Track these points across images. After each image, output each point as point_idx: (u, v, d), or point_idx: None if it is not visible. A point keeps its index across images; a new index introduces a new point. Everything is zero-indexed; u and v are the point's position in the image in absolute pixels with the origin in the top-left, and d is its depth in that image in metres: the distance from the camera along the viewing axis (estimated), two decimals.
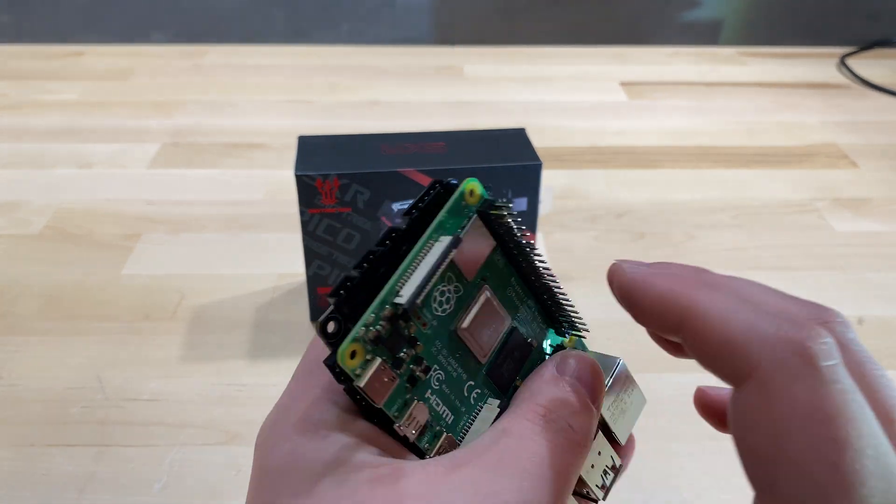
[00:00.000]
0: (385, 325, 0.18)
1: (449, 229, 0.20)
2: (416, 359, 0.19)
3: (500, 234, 0.21)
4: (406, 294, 0.18)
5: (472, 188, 0.21)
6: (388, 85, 0.90)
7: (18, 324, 0.50)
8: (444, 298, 0.20)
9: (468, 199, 0.21)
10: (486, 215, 0.21)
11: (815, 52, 1.03)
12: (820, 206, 0.66)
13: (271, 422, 0.20)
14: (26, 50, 0.99)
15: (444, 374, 0.20)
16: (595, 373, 0.21)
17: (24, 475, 0.40)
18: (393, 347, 0.19)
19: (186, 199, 0.65)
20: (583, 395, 0.20)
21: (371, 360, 0.18)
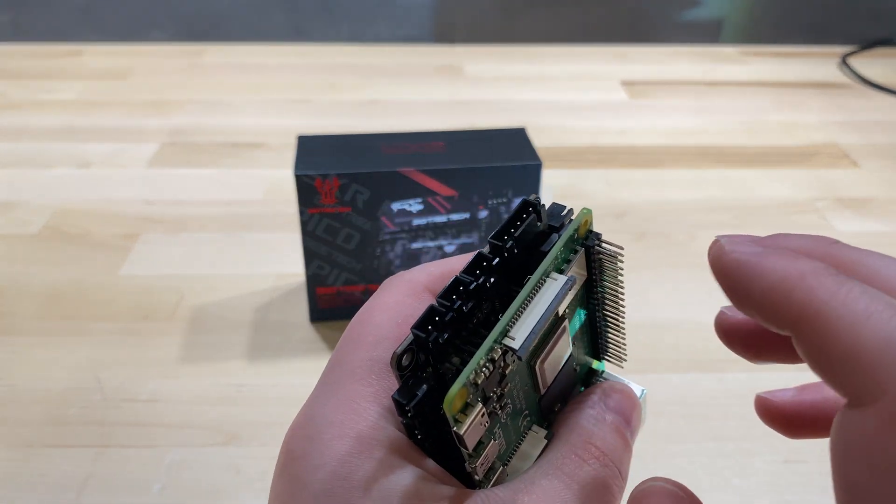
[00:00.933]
0: (490, 368, 0.17)
1: (558, 264, 0.19)
2: (501, 397, 0.18)
3: (593, 267, 0.20)
4: (519, 339, 0.17)
5: (587, 220, 0.19)
6: (388, 84, 0.90)
7: (17, 324, 0.50)
8: None
9: (580, 230, 0.19)
10: (589, 251, 0.20)
11: (816, 51, 1.03)
12: (821, 206, 0.66)
13: (307, 439, 0.18)
14: (24, 49, 0.99)
15: (511, 407, 0.19)
16: (637, 411, 0.21)
17: (23, 476, 0.39)
18: (487, 388, 0.17)
19: (185, 198, 0.65)
20: (626, 437, 0.20)
21: (472, 404, 0.17)
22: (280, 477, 0.18)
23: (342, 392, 0.18)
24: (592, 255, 0.20)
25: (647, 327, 0.51)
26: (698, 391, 0.46)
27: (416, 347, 0.17)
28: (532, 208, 0.19)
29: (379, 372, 0.19)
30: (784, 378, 0.47)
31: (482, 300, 0.18)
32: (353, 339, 0.20)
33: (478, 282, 0.18)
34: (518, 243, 0.18)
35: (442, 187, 0.46)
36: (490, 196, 0.47)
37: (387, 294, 0.21)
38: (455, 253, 0.49)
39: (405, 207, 0.46)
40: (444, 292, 0.17)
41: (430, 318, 0.17)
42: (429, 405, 0.17)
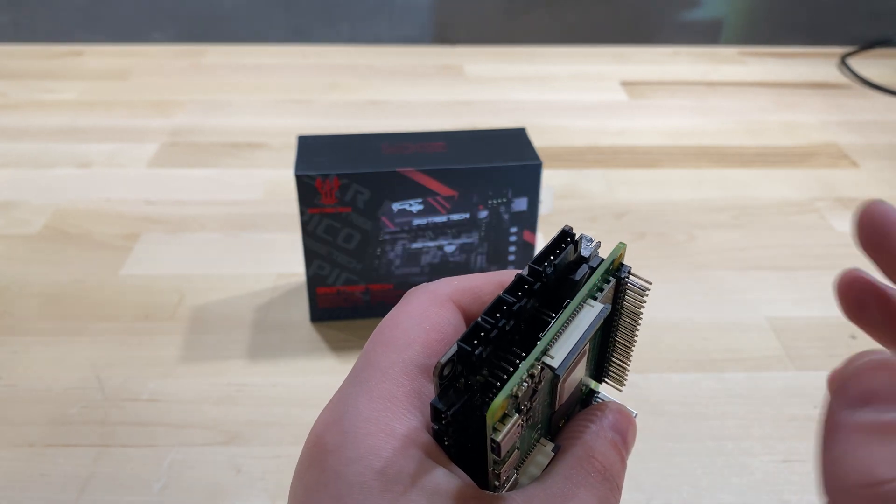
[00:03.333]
0: (529, 384, 0.18)
1: (594, 291, 0.20)
2: (529, 410, 0.19)
3: (619, 297, 0.22)
4: (559, 357, 0.18)
5: (622, 253, 0.21)
6: (388, 85, 0.90)
7: (17, 324, 0.50)
8: None
9: (615, 262, 0.21)
10: (620, 280, 0.21)
11: (815, 51, 1.03)
12: (820, 206, 0.66)
13: (342, 435, 0.18)
14: (25, 49, 0.99)
15: (532, 419, 0.20)
16: (633, 432, 0.22)
17: (24, 475, 0.40)
18: (522, 401, 0.19)
19: (186, 198, 0.65)
20: (622, 453, 0.21)
21: (510, 414, 0.18)
22: (309, 469, 0.18)
23: (376, 391, 0.19)
24: (622, 287, 0.21)
25: (646, 327, 0.51)
26: (698, 391, 0.46)
27: (458, 360, 0.18)
28: (570, 238, 0.21)
29: (411, 374, 0.19)
30: (783, 378, 0.47)
31: (522, 323, 0.19)
32: (382, 342, 0.20)
33: (520, 303, 0.19)
34: (555, 270, 0.20)
35: (442, 187, 0.46)
36: (490, 196, 0.47)
37: (413, 303, 0.21)
38: (454, 253, 0.49)
39: (405, 207, 0.46)
40: (489, 310, 0.18)
41: (476, 333, 0.18)
42: (462, 414, 0.18)
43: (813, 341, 0.50)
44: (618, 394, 0.25)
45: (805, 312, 0.53)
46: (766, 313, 0.52)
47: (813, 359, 0.48)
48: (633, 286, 0.21)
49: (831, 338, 0.50)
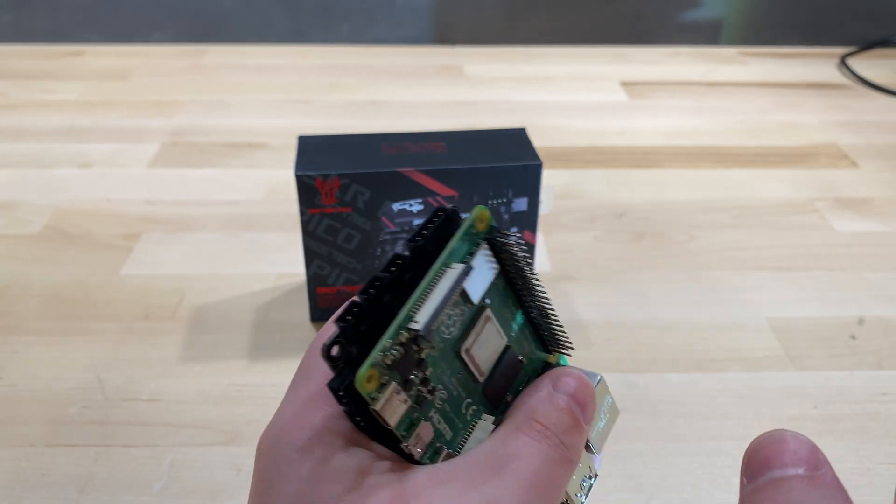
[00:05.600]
0: (399, 350, 0.19)
1: (459, 256, 0.21)
2: (424, 380, 0.20)
3: (504, 260, 0.22)
4: (422, 320, 0.19)
5: (482, 216, 0.21)
6: (388, 85, 0.90)
7: (18, 324, 0.50)
8: (451, 322, 0.21)
9: (478, 226, 0.21)
10: (493, 242, 0.22)
11: (815, 52, 1.03)
12: (820, 207, 0.66)
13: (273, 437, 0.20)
14: (26, 49, 0.99)
15: (446, 393, 0.21)
16: (589, 393, 0.21)
17: (24, 475, 0.40)
18: (404, 371, 0.19)
19: (186, 198, 0.65)
20: (575, 414, 0.21)
21: (386, 383, 0.19)
22: (254, 474, 0.20)
23: (301, 392, 0.21)
24: (497, 248, 0.22)
25: (646, 327, 0.51)
26: (697, 391, 0.46)
27: (344, 339, 0.19)
28: (442, 212, 0.21)
29: None
30: (783, 378, 0.47)
31: (401, 295, 0.20)
32: (312, 349, 0.22)
33: (393, 276, 0.20)
34: (430, 243, 0.21)
35: (442, 187, 0.46)
36: (490, 196, 0.47)
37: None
38: None
39: (406, 207, 0.46)
40: (364, 287, 0.19)
41: (349, 309, 0.19)
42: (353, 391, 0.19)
43: (813, 341, 0.50)
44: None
45: (805, 312, 0.53)
46: (765, 313, 0.52)
47: (813, 359, 0.48)
48: (507, 243, 0.21)
49: (831, 338, 0.50)
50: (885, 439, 0.43)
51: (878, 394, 0.46)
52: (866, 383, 0.46)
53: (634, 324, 0.51)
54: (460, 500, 0.18)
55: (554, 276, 0.56)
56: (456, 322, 0.21)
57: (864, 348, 0.49)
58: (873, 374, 0.47)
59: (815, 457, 0.16)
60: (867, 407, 0.45)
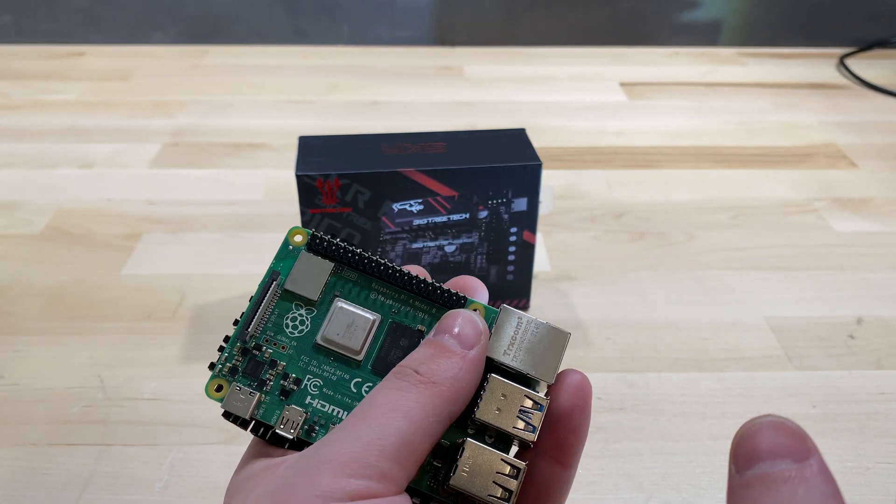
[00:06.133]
0: (239, 358, 0.23)
1: (283, 271, 0.24)
2: (282, 375, 0.23)
3: (340, 257, 0.24)
4: (252, 329, 0.23)
5: (296, 233, 0.25)
6: (388, 85, 0.90)
7: (19, 324, 0.50)
8: (297, 322, 0.24)
9: (294, 242, 0.25)
10: (316, 248, 0.24)
11: (814, 52, 1.03)
12: (819, 207, 0.66)
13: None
14: (27, 50, 0.99)
15: (321, 380, 0.23)
16: (455, 318, 0.22)
17: (26, 475, 0.40)
18: (255, 373, 0.23)
19: (187, 199, 0.66)
20: (440, 345, 0.21)
21: (226, 386, 0.23)
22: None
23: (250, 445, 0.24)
24: (325, 250, 0.24)
25: (645, 327, 0.51)
26: (697, 390, 0.46)
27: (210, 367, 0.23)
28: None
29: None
30: (782, 377, 0.47)
31: None
32: None
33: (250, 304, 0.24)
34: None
35: (442, 188, 0.46)
36: (490, 196, 0.47)
37: None
38: (455, 253, 0.49)
39: (406, 207, 0.46)
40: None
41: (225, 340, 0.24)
42: None
43: (811, 341, 0.50)
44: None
45: (804, 312, 0.53)
46: (764, 313, 0.52)
47: (811, 358, 0.48)
48: (332, 243, 0.24)
49: (830, 337, 0.50)
50: (884, 438, 0.43)
51: (877, 393, 0.46)
52: (865, 383, 0.47)
53: (634, 323, 0.51)
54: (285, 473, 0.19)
55: (553, 275, 0.56)
56: (304, 320, 0.24)
57: (863, 348, 0.49)
58: (872, 373, 0.47)
59: (803, 446, 0.16)
60: (866, 406, 0.45)
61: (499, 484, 0.21)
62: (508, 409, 0.22)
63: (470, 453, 0.21)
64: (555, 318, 0.51)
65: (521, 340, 0.22)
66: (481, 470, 0.21)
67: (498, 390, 0.22)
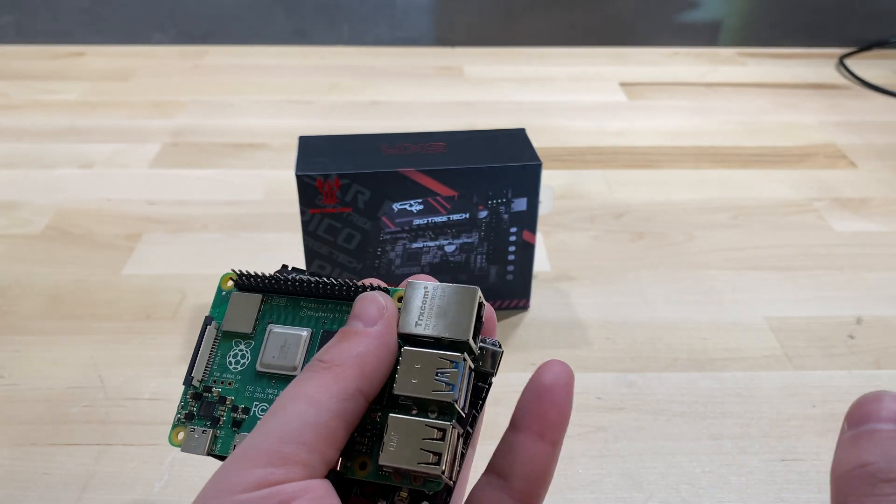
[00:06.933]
0: (193, 403, 0.24)
1: (217, 316, 0.26)
2: (232, 408, 0.24)
3: (267, 287, 0.25)
4: (196, 375, 0.25)
5: (227, 278, 0.26)
6: (388, 85, 0.90)
7: (20, 323, 0.50)
8: (239, 356, 0.25)
9: (226, 286, 0.26)
10: (244, 285, 0.26)
11: (813, 52, 1.03)
12: (819, 207, 0.66)
13: None
14: (28, 50, 0.99)
15: (267, 403, 0.24)
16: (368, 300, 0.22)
17: (26, 474, 0.40)
18: (208, 412, 0.24)
19: (187, 199, 0.66)
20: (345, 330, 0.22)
21: (183, 430, 0.24)
22: None
23: None
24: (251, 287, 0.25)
25: (645, 326, 0.51)
26: (696, 390, 0.46)
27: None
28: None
29: None
30: (782, 377, 0.47)
31: None
32: None
33: None
34: None
35: (442, 187, 0.46)
36: (490, 196, 0.47)
37: None
38: (455, 252, 0.49)
39: (406, 207, 0.46)
40: None
41: None
42: None
43: (811, 341, 0.50)
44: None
45: (803, 312, 0.53)
46: (764, 313, 0.52)
47: (811, 358, 0.48)
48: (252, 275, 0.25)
49: (829, 337, 0.50)
50: None
51: None
52: (864, 383, 0.47)
53: (633, 323, 0.51)
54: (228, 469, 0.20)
55: (553, 275, 0.56)
56: (245, 354, 0.25)
57: (863, 348, 0.49)
58: (872, 373, 0.47)
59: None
60: None
61: (427, 450, 0.20)
62: (425, 376, 0.21)
63: (393, 427, 0.21)
64: (555, 317, 0.51)
65: (430, 308, 0.22)
66: (408, 441, 0.21)
67: (411, 361, 0.21)
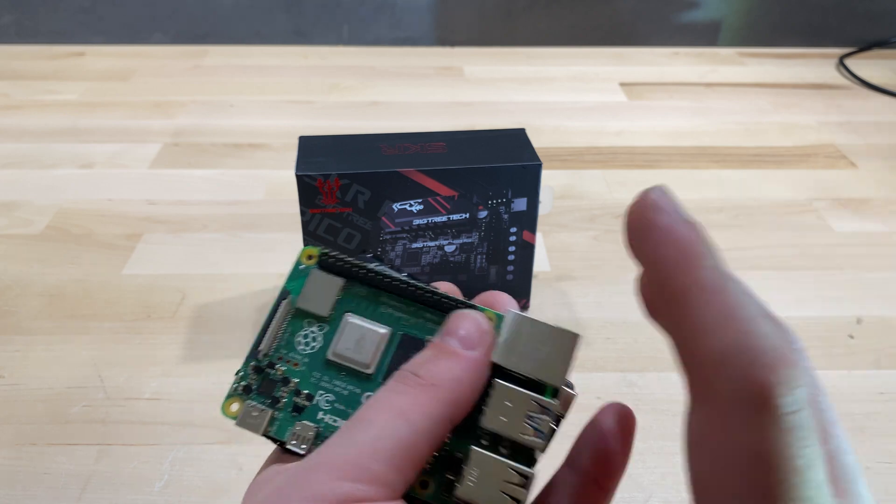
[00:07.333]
0: (254, 377, 0.23)
1: (294, 290, 0.25)
2: (295, 392, 0.23)
3: (350, 273, 0.24)
4: (264, 348, 0.24)
5: (308, 253, 0.25)
6: (388, 85, 0.90)
7: (20, 323, 0.51)
8: (309, 339, 0.24)
9: (306, 262, 0.25)
10: (327, 265, 0.24)
11: (813, 52, 1.03)
12: (818, 207, 0.66)
13: None
14: (28, 50, 0.99)
15: (332, 395, 0.23)
16: (460, 320, 0.21)
17: (26, 474, 0.40)
18: (269, 390, 0.23)
19: (187, 199, 0.66)
20: (441, 346, 0.21)
21: (241, 404, 0.23)
22: None
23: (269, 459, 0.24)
24: (335, 268, 0.24)
25: (645, 326, 0.51)
26: None
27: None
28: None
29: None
30: None
31: None
32: None
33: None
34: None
35: (442, 188, 0.46)
36: (490, 196, 0.47)
37: None
38: (455, 252, 0.49)
39: (406, 207, 0.46)
40: None
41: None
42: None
43: (811, 341, 0.50)
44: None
45: (803, 312, 0.53)
46: None
47: (811, 358, 0.48)
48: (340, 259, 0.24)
49: (829, 337, 0.50)
50: (884, 438, 0.43)
51: (877, 393, 0.46)
52: (864, 382, 0.47)
53: (634, 323, 0.51)
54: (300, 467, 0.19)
55: (553, 275, 0.56)
56: (317, 337, 0.24)
57: (863, 348, 0.50)
58: (871, 373, 0.47)
59: None
60: (865, 406, 0.45)
61: (507, 494, 0.20)
62: (515, 415, 0.21)
63: (476, 462, 0.20)
64: (555, 317, 0.51)
65: (529, 344, 0.22)
66: (489, 479, 0.20)
67: (503, 396, 0.21)
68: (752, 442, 0.15)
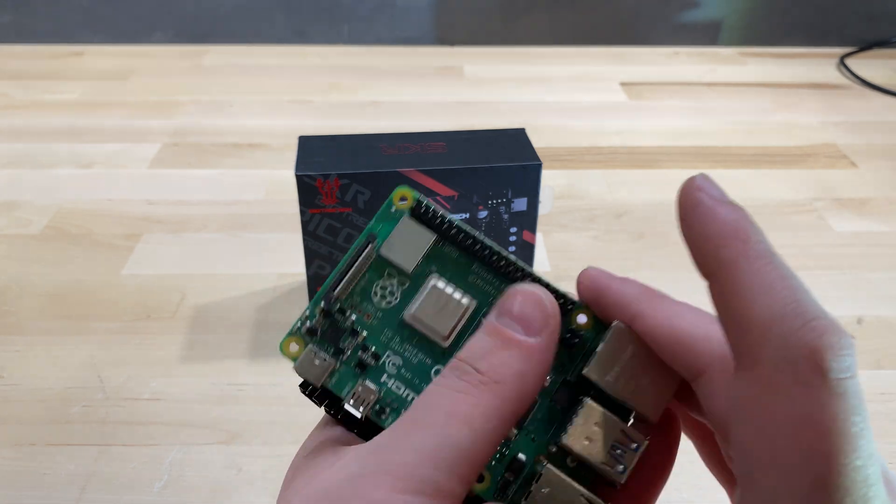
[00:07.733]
0: (320, 319, 0.21)
1: (381, 234, 0.22)
2: (362, 347, 0.21)
3: (443, 230, 0.22)
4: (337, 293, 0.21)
5: (402, 194, 0.22)
6: (388, 85, 0.90)
7: (19, 323, 0.50)
8: (387, 292, 0.22)
9: (398, 204, 0.22)
10: (420, 215, 0.22)
11: (814, 52, 1.03)
12: (819, 206, 0.66)
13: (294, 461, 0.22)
14: (27, 50, 0.99)
15: (401, 359, 0.21)
16: (533, 302, 0.19)
17: (25, 474, 0.40)
18: (334, 338, 0.21)
19: (187, 199, 0.66)
20: (501, 333, 0.19)
21: (301, 346, 0.21)
22: None
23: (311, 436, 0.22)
24: (428, 220, 0.22)
25: None
26: None
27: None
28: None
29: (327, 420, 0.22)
30: None
31: None
32: None
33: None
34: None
35: (442, 187, 0.46)
36: (490, 196, 0.47)
37: None
38: None
39: None
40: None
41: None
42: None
43: None
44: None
45: None
46: None
47: None
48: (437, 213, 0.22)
49: None
50: (885, 438, 0.43)
51: (877, 393, 0.46)
52: (865, 383, 0.46)
53: None
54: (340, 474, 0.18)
55: (554, 275, 0.56)
56: (394, 292, 0.21)
57: (863, 348, 0.49)
58: (872, 373, 0.47)
59: None
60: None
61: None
62: (600, 441, 0.19)
63: (546, 481, 0.19)
64: None
65: (629, 367, 0.20)
66: (557, 500, 0.19)
67: (592, 418, 0.19)
68: (802, 406, 0.15)
